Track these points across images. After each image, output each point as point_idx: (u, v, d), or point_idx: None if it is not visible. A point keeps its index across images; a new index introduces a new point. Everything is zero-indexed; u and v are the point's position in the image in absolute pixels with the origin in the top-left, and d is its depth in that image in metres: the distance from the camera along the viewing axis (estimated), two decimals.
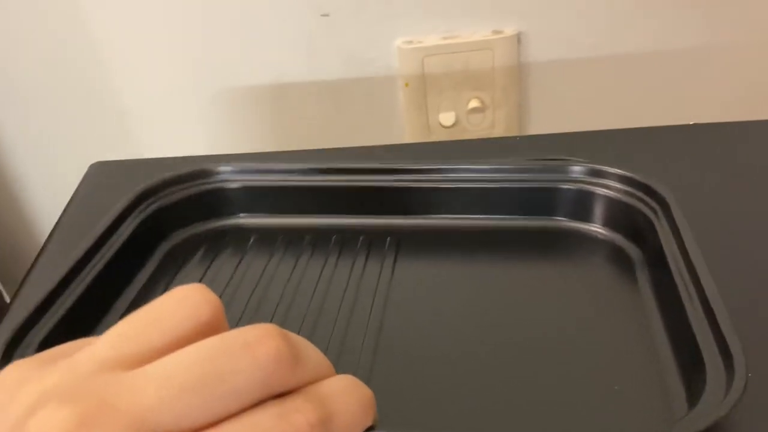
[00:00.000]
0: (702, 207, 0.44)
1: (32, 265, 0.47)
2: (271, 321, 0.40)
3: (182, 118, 0.79)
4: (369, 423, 0.27)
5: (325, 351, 0.36)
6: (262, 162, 0.50)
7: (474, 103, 0.80)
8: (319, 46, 0.75)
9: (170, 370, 0.22)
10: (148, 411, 0.21)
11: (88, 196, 0.51)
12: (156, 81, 0.76)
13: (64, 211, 0.51)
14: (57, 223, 0.50)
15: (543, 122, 0.80)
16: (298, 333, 0.37)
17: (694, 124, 0.49)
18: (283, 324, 0.40)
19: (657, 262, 0.41)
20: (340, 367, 0.34)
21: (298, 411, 0.23)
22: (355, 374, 0.33)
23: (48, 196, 0.83)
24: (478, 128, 0.82)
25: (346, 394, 0.26)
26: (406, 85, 0.78)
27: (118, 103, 0.77)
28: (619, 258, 0.44)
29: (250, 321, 0.41)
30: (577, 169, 0.46)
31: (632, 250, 0.44)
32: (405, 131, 0.81)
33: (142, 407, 0.21)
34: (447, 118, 0.81)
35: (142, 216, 0.47)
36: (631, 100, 0.75)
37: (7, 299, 0.81)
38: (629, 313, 0.40)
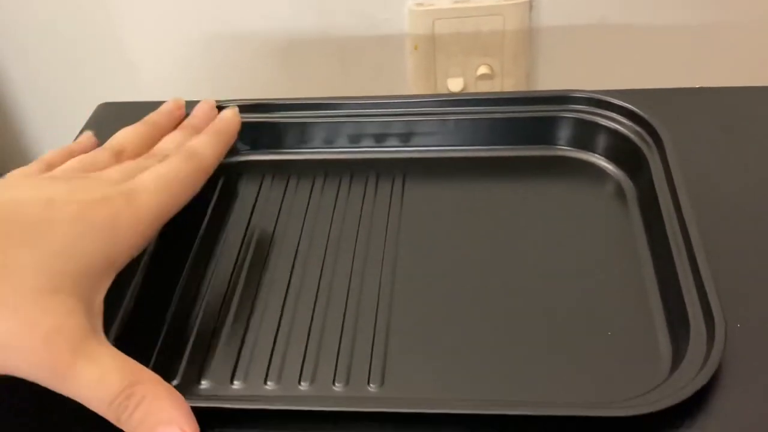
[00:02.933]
0: (698, 157, 0.45)
1: None
2: (295, 254, 0.44)
3: (187, 67, 0.79)
4: None
5: (349, 273, 0.42)
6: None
7: (483, 70, 0.80)
8: (330, 3, 0.75)
9: None
10: None
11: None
12: (162, 30, 0.76)
13: None
14: None
15: None
16: (322, 263, 0.43)
17: (700, 87, 0.49)
18: (308, 255, 0.44)
19: (648, 197, 0.43)
20: (364, 286, 0.40)
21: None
22: (378, 296, 0.40)
23: (50, 140, 0.83)
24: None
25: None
26: (416, 48, 0.78)
27: (123, 50, 0.77)
28: (615, 190, 0.46)
29: (278, 255, 0.44)
30: (578, 99, 0.48)
31: (627, 183, 0.46)
32: None
33: None
34: (455, 83, 0.81)
35: None
36: (639, 70, 0.75)
37: None
38: (622, 249, 0.42)
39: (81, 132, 0.53)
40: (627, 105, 0.46)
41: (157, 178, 0.39)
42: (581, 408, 0.33)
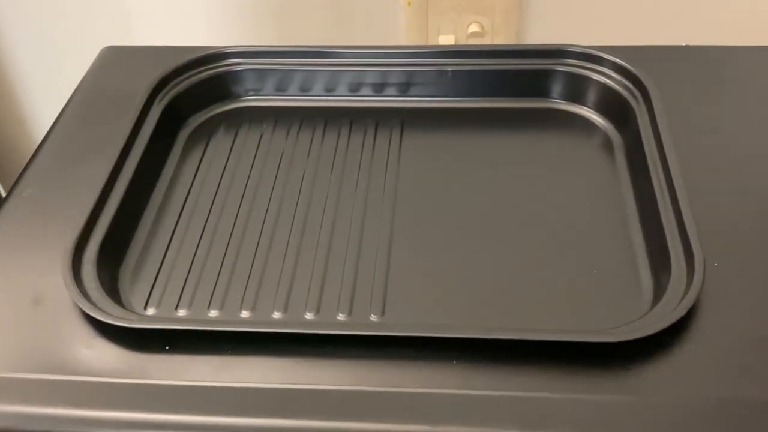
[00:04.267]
0: (683, 110, 0.47)
1: (41, 143, 0.48)
2: (299, 194, 0.46)
3: (185, 15, 0.79)
4: None
5: (350, 215, 0.44)
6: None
7: (474, 28, 0.81)
8: None
9: None
10: None
11: (98, 79, 0.53)
12: None
13: (75, 91, 0.52)
14: (67, 103, 0.51)
15: None
16: (325, 204, 0.45)
17: (686, 46, 0.52)
18: (311, 196, 0.46)
19: (635, 148, 0.45)
20: (365, 227, 0.43)
21: None
22: (377, 232, 0.42)
23: (48, 89, 0.83)
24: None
25: None
26: (409, 4, 0.79)
27: (122, 5, 0.77)
28: (603, 141, 0.49)
29: (282, 196, 0.46)
30: (571, 53, 0.50)
31: (615, 134, 0.48)
32: None
33: None
34: (446, 40, 0.82)
35: (163, 104, 0.50)
36: (629, 29, 0.76)
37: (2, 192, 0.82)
38: (609, 195, 0.45)
39: (86, 75, 0.54)
40: (617, 60, 0.48)
41: None
42: (569, 334, 0.35)
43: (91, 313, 0.37)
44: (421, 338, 0.36)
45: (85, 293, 0.38)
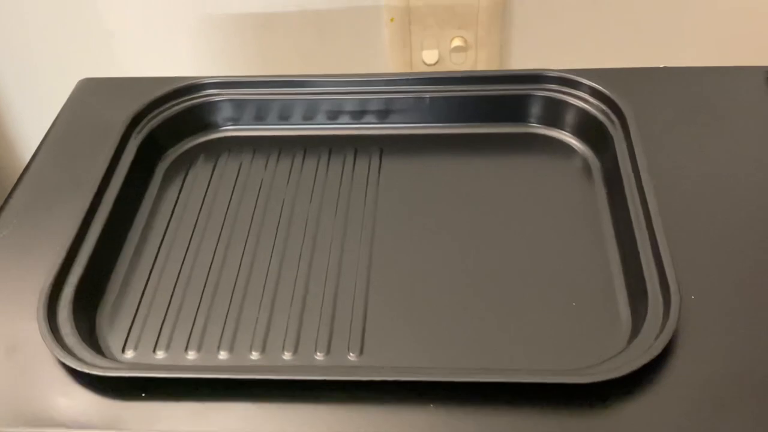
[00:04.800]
0: (659, 134, 0.47)
1: (18, 181, 0.48)
2: (277, 227, 0.46)
3: (167, 43, 0.79)
4: None
5: (329, 248, 0.44)
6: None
7: (457, 42, 0.81)
8: None
9: None
10: None
11: (76, 112, 0.53)
12: (142, 3, 0.76)
13: (52, 126, 0.52)
14: (44, 139, 0.51)
15: (523, 64, 0.81)
16: (303, 237, 0.45)
17: (665, 67, 0.51)
18: (289, 228, 0.45)
19: (613, 173, 0.45)
20: (344, 259, 0.44)
21: None
22: (355, 266, 0.43)
23: (31, 116, 0.83)
24: (461, 67, 0.83)
25: None
26: (392, 20, 0.79)
27: (104, 25, 0.77)
28: (582, 165, 0.49)
29: (261, 225, 0.46)
30: (548, 78, 0.50)
31: (593, 159, 0.49)
32: (388, 68, 0.82)
33: None
34: (430, 55, 0.82)
35: (140, 137, 0.49)
36: (610, 43, 0.76)
37: None
38: (588, 223, 0.45)
39: (64, 108, 0.53)
40: (594, 84, 0.48)
41: None
42: (546, 375, 0.35)
43: (66, 362, 0.36)
44: (399, 382, 0.35)
45: (60, 340, 0.38)
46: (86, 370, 0.36)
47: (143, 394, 0.36)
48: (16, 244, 0.44)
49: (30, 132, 0.85)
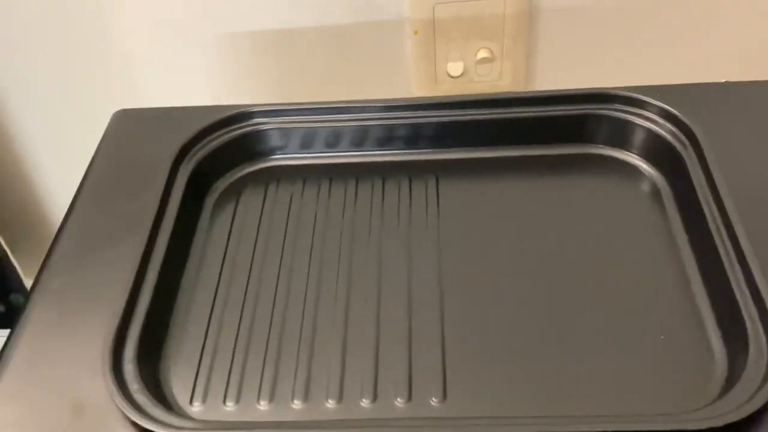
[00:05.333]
0: (732, 153, 0.45)
1: (63, 224, 0.46)
2: (338, 261, 0.44)
3: (186, 65, 0.77)
4: None
5: (397, 278, 0.42)
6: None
7: (483, 53, 0.79)
8: None
9: None
10: None
11: (115, 147, 0.50)
12: (160, 27, 0.74)
13: (92, 162, 0.49)
14: (85, 177, 0.48)
15: (548, 75, 0.80)
16: (367, 269, 0.43)
17: (726, 82, 0.50)
18: (351, 259, 0.44)
19: (687, 198, 0.44)
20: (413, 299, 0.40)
21: None
22: (427, 301, 0.41)
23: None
24: (486, 79, 0.81)
25: None
26: (416, 33, 0.77)
27: (116, 47, 0.75)
28: (650, 188, 0.47)
29: (322, 259, 0.44)
30: (612, 97, 0.48)
31: (662, 181, 0.47)
32: (412, 81, 0.80)
33: None
34: (455, 68, 0.80)
35: (188, 171, 0.47)
36: (638, 52, 0.75)
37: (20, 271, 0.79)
38: (663, 249, 0.43)
39: (102, 142, 0.51)
40: (661, 104, 0.46)
41: None
42: (649, 423, 0.33)
43: (141, 423, 0.34)
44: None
45: (129, 398, 0.36)
46: (162, 431, 0.34)
47: None
48: (72, 293, 0.41)
49: (39, 153, 0.82)
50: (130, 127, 0.52)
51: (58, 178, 0.82)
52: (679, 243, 0.43)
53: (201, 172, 0.48)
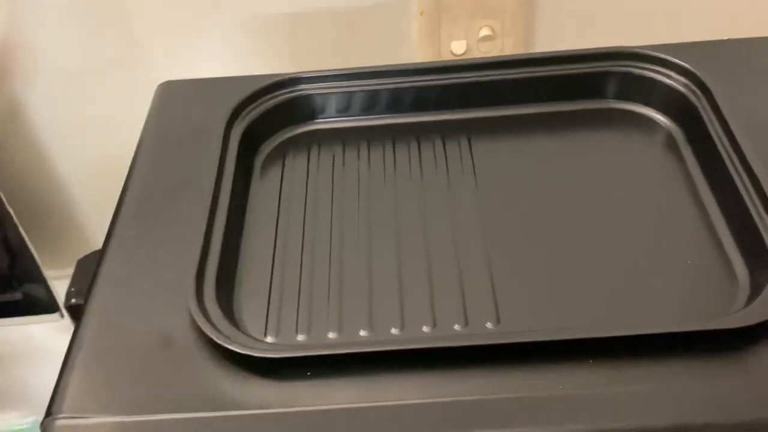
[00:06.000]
0: (744, 103, 0.48)
1: (125, 187, 0.49)
2: (388, 208, 0.47)
3: (197, 49, 0.80)
4: None
5: (442, 224, 0.46)
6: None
7: (485, 32, 0.83)
8: None
9: None
10: None
11: (165, 115, 0.54)
12: (173, 10, 0.77)
13: (144, 132, 0.52)
14: (139, 144, 0.52)
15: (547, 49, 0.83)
16: (415, 215, 0.47)
17: (728, 39, 0.54)
18: (397, 210, 0.47)
19: (703, 143, 0.48)
20: (459, 239, 0.45)
21: None
22: (472, 242, 0.44)
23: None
24: (487, 56, 0.85)
25: None
26: (421, 13, 0.81)
27: (132, 34, 0.77)
28: (666, 138, 0.51)
29: (370, 211, 0.47)
30: (624, 54, 0.52)
31: (677, 131, 0.51)
32: (416, 59, 0.84)
33: None
34: (458, 46, 0.84)
35: (239, 133, 0.50)
36: (637, 26, 0.79)
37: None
38: (683, 192, 0.47)
39: (150, 111, 0.54)
40: (674, 59, 0.50)
41: None
42: (689, 324, 0.38)
43: (235, 348, 0.38)
44: (557, 342, 0.37)
45: (216, 327, 0.39)
46: (256, 354, 0.37)
47: (308, 374, 0.38)
48: (147, 241, 0.44)
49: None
50: (175, 98, 0.55)
51: (77, 168, 0.84)
52: (696, 182, 0.47)
53: (250, 134, 0.51)
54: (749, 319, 0.37)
